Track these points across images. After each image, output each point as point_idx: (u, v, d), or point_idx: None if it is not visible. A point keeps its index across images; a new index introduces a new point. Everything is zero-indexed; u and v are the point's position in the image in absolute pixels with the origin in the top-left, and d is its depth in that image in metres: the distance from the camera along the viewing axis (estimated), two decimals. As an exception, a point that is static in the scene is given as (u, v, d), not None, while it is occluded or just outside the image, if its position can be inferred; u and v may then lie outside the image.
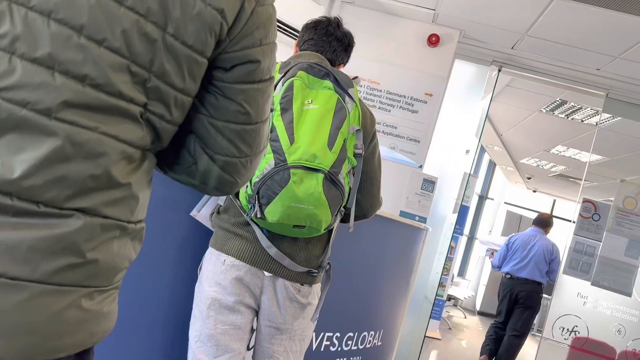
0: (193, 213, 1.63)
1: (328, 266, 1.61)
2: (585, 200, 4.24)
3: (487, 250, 7.58)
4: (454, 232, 4.30)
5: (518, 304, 5.11)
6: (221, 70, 0.74)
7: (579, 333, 4.11)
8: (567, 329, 4.13)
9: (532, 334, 9.27)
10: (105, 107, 0.63)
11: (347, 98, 1.49)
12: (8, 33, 0.58)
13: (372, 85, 3.95)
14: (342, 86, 1.50)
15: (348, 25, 1.77)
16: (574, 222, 4.22)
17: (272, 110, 1.41)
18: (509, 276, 5.25)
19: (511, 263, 5.22)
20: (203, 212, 1.62)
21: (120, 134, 0.65)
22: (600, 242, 4.11)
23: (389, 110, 3.92)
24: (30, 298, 0.58)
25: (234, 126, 0.77)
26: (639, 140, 5.82)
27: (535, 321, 9.94)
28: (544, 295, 5.25)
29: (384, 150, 3.93)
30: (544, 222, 5.38)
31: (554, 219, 5.77)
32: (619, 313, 4.10)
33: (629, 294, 4.07)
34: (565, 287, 4.17)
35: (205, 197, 1.63)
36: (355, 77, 1.58)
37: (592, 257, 4.13)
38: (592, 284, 4.10)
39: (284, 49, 3.95)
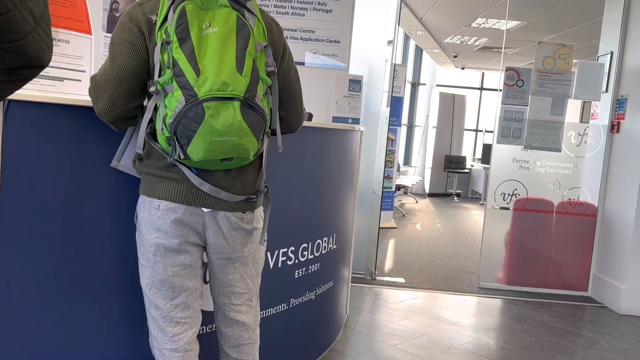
0: (113, 164, 1.55)
1: (266, 189, 1.60)
2: (508, 69, 4.34)
3: None
4: (389, 124, 4.35)
5: None
6: None
7: (519, 195, 4.38)
8: (508, 194, 4.38)
9: (481, 204, 9.84)
10: None
11: (247, 13, 1.39)
12: None
13: (280, -9, 3.76)
14: (239, 1, 1.40)
15: None
16: (500, 90, 4.34)
17: (168, 43, 1.31)
18: None
19: None
20: (124, 161, 1.55)
21: None
22: (527, 106, 4.27)
23: (303, 15, 3.79)
24: None
25: None
26: (552, 0, 5.92)
27: (481, 191, 10.53)
28: (483, 165, 6.00)
29: (307, 56, 3.86)
30: None
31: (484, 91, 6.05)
32: (553, 169, 4.37)
33: (559, 150, 4.32)
34: (501, 155, 4.37)
35: (122, 145, 1.55)
36: (251, -12, 1.47)
37: (521, 122, 4.30)
38: (524, 148, 4.31)
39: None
